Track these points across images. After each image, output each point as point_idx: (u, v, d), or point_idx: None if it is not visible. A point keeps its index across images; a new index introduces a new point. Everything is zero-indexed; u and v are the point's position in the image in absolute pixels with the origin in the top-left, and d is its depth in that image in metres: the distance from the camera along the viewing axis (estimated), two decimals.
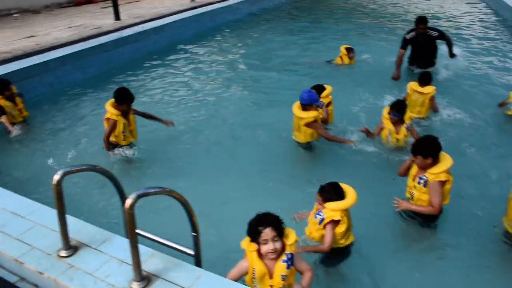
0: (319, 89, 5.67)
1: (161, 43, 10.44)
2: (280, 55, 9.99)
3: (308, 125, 5.12)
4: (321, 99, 5.52)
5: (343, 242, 3.43)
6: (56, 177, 2.47)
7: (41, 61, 7.55)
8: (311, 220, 3.50)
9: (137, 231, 2.36)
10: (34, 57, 7.72)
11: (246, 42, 11.40)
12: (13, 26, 10.88)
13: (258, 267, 2.78)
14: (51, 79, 7.65)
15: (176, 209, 2.62)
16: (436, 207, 3.69)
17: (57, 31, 9.99)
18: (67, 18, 11.97)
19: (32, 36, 9.43)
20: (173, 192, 2.46)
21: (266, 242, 2.72)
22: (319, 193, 3.45)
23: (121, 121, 5.04)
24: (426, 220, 3.93)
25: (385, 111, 5.32)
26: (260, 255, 2.80)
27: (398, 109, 5.13)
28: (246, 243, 2.86)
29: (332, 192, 3.39)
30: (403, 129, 5.17)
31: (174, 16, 11.76)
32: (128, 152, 5.24)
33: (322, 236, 3.38)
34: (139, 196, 2.24)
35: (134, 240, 2.33)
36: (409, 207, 3.86)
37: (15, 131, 5.90)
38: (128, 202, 2.22)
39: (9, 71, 6.96)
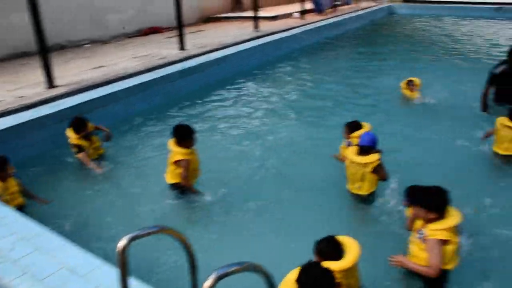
0: (355, 126, 5.03)
1: (225, 73, 10.27)
2: (341, 88, 9.50)
3: (376, 170, 4.34)
4: (351, 139, 4.92)
5: None
6: (122, 243, 2.11)
7: (108, 92, 7.56)
8: None
9: None
10: (99, 89, 7.77)
11: (308, 72, 11.01)
12: (84, 57, 11.21)
13: None
14: (117, 109, 7.62)
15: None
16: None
17: (125, 61, 10.12)
18: (133, 48, 12.19)
19: (101, 67, 9.59)
20: (257, 266, 2.02)
21: None
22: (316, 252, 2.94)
23: (193, 160, 4.68)
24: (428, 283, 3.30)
25: None
26: None
27: None
28: None
29: (329, 248, 2.90)
30: None
31: (238, 46, 11.64)
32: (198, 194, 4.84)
33: None
34: (219, 277, 1.82)
35: None
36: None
37: (96, 168, 5.55)
38: (207, 284, 1.80)
39: (78, 102, 6.99)
